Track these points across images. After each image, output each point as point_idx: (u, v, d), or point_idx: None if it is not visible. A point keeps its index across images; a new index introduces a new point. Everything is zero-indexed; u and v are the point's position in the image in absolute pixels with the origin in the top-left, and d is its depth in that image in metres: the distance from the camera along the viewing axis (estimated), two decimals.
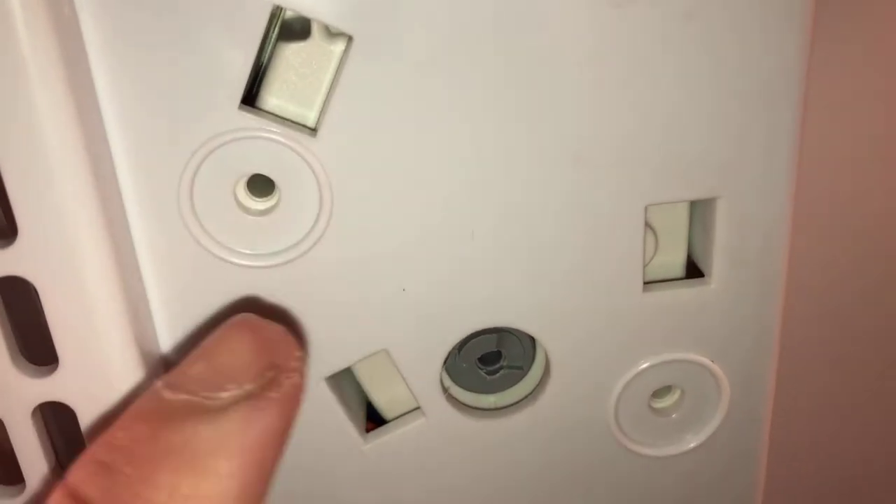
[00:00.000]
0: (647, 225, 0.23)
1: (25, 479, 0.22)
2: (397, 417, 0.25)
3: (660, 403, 0.26)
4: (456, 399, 0.25)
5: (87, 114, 0.19)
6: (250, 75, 0.20)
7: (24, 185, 0.18)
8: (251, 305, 0.22)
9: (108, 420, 0.19)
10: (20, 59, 0.17)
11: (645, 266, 0.23)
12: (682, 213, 0.24)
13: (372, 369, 0.25)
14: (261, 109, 0.21)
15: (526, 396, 0.25)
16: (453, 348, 0.24)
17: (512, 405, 0.25)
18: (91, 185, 0.19)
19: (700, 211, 0.24)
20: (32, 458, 0.21)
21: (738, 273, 0.24)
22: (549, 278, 0.23)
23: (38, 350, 0.21)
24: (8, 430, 0.21)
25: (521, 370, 0.25)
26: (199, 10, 0.19)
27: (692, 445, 0.25)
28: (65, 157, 0.18)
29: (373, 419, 0.26)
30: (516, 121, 0.21)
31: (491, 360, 0.25)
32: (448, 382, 0.25)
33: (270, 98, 0.21)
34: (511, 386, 0.25)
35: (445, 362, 0.24)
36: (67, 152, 0.18)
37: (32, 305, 0.20)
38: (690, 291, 0.24)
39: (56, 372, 0.20)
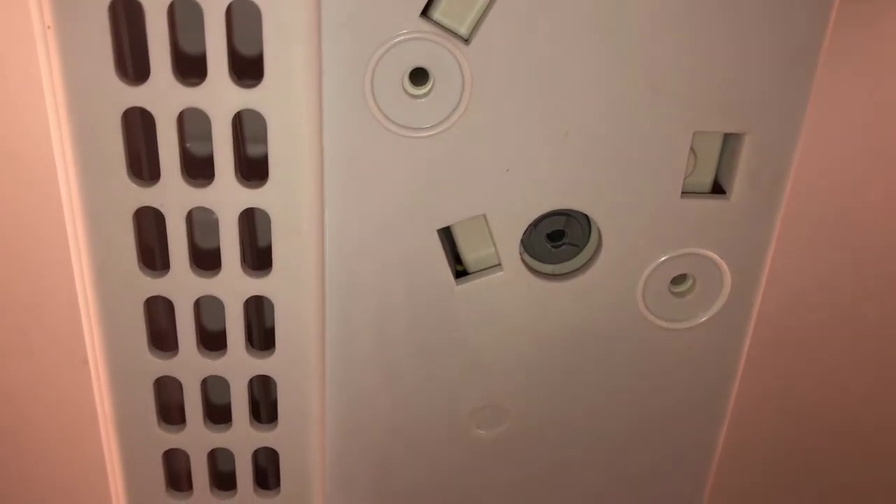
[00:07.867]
0: (691, 148, 0.31)
1: None
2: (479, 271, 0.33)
3: (676, 288, 0.34)
4: (526, 262, 0.33)
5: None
6: None
7: (278, 51, 0.26)
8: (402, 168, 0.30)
9: None
10: None
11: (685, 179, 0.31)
12: (716, 144, 0.32)
13: (466, 231, 0.33)
14: (429, 19, 0.28)
15: (578, 269, 0.33)
16: (531, 223, 0.32)
17: (567, 273, 0.33)
18: (315, 63, 0.27)
19: (730, 143, 0.32)
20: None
21: (752, 194, 0.32)
22: (614, 176, 0.31)
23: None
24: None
25: (578, 247, 0.33)
26: None
27: (699, 321, 0.34)
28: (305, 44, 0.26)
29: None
30: (612, 61, 0.29)
31: (556, 237, 0.33)
32: (521, 249, 0.33)
33: (435, 12, 0.29)
34: (568, 259, 0.33)
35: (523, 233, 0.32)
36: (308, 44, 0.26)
37: None
38: (714, 203, 0.32)
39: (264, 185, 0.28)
